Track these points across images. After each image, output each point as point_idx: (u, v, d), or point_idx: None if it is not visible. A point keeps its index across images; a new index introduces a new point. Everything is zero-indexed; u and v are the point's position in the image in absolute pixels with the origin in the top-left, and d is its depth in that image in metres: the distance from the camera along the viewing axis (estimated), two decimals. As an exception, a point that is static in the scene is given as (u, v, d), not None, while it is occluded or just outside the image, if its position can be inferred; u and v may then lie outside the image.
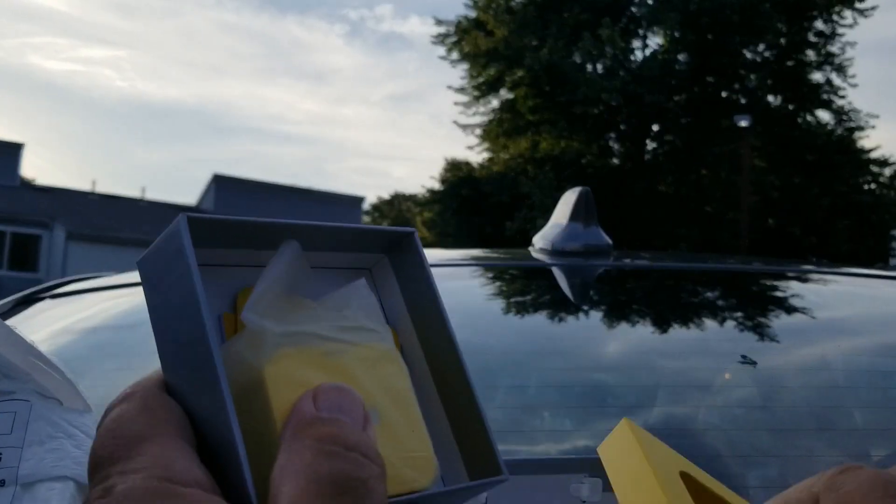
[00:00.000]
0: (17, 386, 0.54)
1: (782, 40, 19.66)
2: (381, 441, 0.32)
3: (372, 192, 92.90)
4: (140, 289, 0.34)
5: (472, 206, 20.12)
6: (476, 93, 20.90)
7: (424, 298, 0.38)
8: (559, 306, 1.34)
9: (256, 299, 0.33)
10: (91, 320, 1.42)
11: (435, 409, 0.37)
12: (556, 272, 1.42)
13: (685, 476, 0.37)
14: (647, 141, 20.71)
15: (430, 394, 0.38)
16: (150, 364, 0.33)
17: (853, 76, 19.85)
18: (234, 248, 0.35)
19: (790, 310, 1.37)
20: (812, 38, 19.94)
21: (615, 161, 20.95)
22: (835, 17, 19.69)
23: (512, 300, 1.41)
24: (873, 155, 19.84)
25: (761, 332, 1.27)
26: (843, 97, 19.92)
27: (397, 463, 0.33)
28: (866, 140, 23.57)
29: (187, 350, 0.32)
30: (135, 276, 1.60)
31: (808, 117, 20.22)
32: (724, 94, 20.27)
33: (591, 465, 0.73)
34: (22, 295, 1.54)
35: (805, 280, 1.58)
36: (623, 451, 0.36)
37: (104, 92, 62.88)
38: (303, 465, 0.27)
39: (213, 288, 0.35)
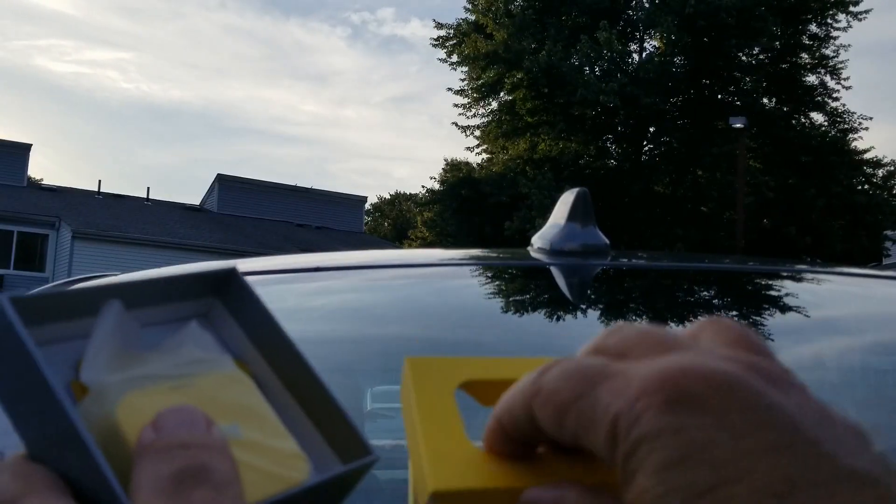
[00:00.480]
0: None
1: (777, 43, 19.80)
2: (247, 453, 0.33)
3: (373, 193, 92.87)
4: None
5: (471, 207, 20.21)
6: (475, 95, 20.99)
7: (262, 324, 0.38)
8: (557, 305, 1.33)
9: (90, 360, 0.34)
10: None
11: (295, 415, 0.37)
12: (554, 272, 1.42)
13: (469, 385, 0.36)
14: (645, 142, 20.83)
15: (287, 404, 0.38)
16: None
17: (847, 78, 20.07)
18: (66, 320, 0.35)
19: (785, 309, 1.35)
20: (806, 41, 20.12)
21: (613, 162, 21.09)
22: (829, 21, 19.84)
23: (510, 299, 1.39)
24: (867, 156, 19.99)
25: (756, 330, 1.17)
26: (836, 99, 20.12)
27: (269, 465, 0.33)
28: (859, 141, 23.75)
29: (44, 419, 0.31)
30: (139, 276, 1.72)
31: (803, 119, 20.37)
32: (719, 97, 20.40)
33: None
34: None
35: (799, 280, 1.56)
36: (405, 397, 0.35)
37: (109, 94, 63.11)
38: (146, 476, 0.27)
39: (56, 361, 0.34)
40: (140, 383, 0.33)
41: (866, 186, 20.07)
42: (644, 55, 20.23)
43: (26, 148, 24.17)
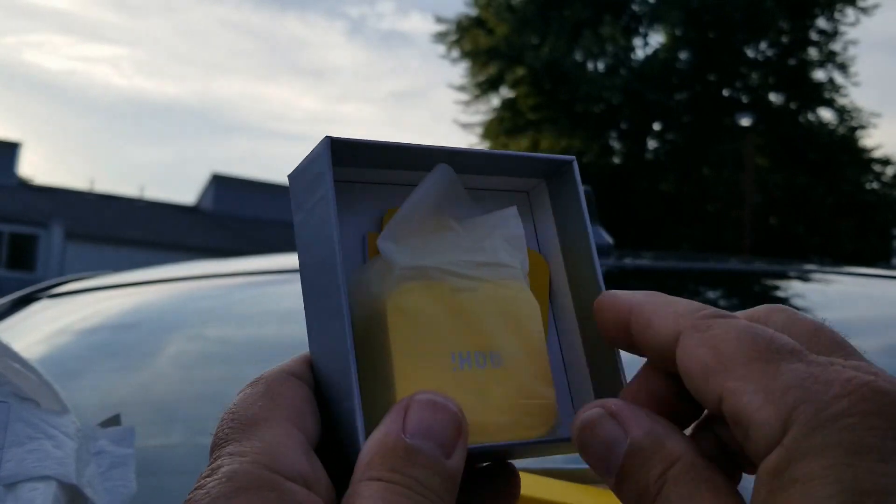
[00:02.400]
0: None
1: (784, 38, 19.66)
2: (500, 385, 0.32)
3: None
4: (137, 289, 0.35)
5: (472, 206, 20.13)
6: (476, 91, 20.87)
7: (575, 231, 0.37)
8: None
9: (396, 224, 0.34)
10: (89, 320, 1.41)
11: (573, 354, 0.36)
12: None
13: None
14: (649, 139, 20.70)
15: (570, 335, 0.36)
16: (147, 364, 0.31)
17: (855, 74, 19.83)
18: (384, 168, 0.35)
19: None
20: (814, 37, 19.93)
21: (616, 160, 20.93)
22: (837, 16, 19.67)
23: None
24: (876, 154, 19.82)
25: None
26: (845, 96, 19.91)
27: (514, 409, 0.32)
28: (869, 139, 23.58)
29: (321, 274, 0.32)
30: (132, 276, 1.59)
31: (811, 116, 20.22)
32: (726, 93, 20.25)
33: None
34: (19, 295, 1.53)
35: (808, 280, 1.58)
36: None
37: (102, 90, 62.83)
38: (370, 495, 0.27)
39: (360, 206, 0.35)
40: (424, 273, 0.33)
41: (875, 185, 19.95)
42: (649, 51, 20.06)
43: (15, 146, 23.92)
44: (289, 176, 0.34)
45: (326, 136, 0.32)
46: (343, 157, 0.32)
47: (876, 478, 0.23)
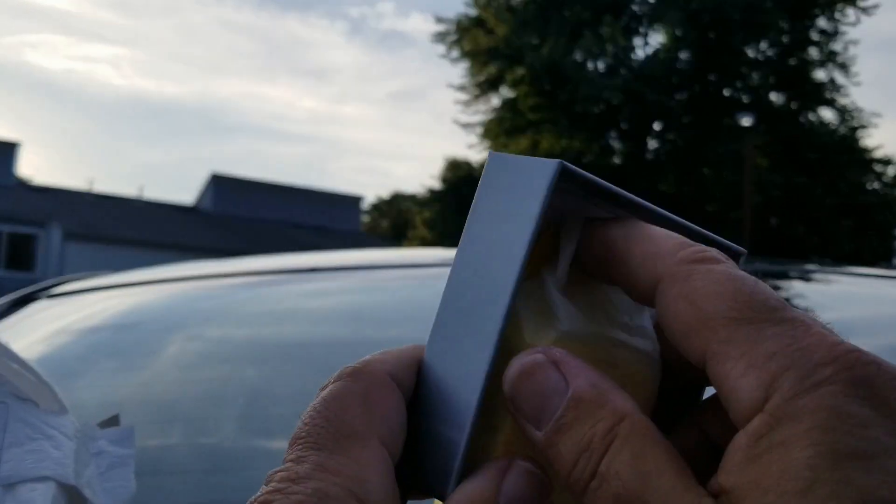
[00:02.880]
0: None
1: (785, 38, 19.67)
2: None
3: (372, 191, 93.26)
4: (136, 290, 0.34)
5: (472, 206, 20.15)
6: (476, 91, 20.91)
7: None
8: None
9: (566, 271, 0.31)
10: (87, 320, 1.40)
11: None
12: None
13: None
14: (649, 140, 20.72)
15: None
16: (146, 364, 0.31)
17: (856, 74, 19.85)
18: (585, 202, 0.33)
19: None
20: (814, 37, 19.95)
21: (616, 160, 20.94)
22: (837, 15, 19.71)
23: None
24: (876, 154, 19.84)
25: None
26: (845, 96, 19.95)
27: None
28: (869, 139, 23.59)
29: (482, 289, 0.30)
30: (131, 276, 1.59)
31: (811, 116, 20.25)
32: (726, 93, 20.27)
33: None
34: (18, 295, 1.53)
35: (808, 280, 1.58)
36: None
37: (102, 90, 62.79)
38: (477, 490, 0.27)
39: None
40: (578, 328, 0.31)
41: (876, 185, 20.00)
42: (649, 51, 20.09)
43: (14, 146, 23.92)
44: (493, 155, 0.32)
45: (559, 161, 0.29)
46: (560, 184, 0.30)
47: (856, 441, 0.22)
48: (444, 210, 20.89)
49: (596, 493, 0.25)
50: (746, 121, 16.47)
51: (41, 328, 1.37)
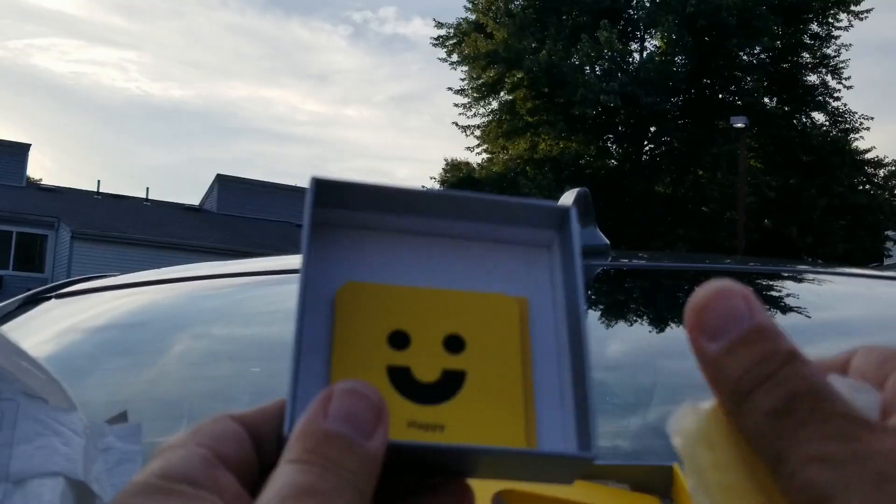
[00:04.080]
0: (3, 386, 0.54)
1: (778, 43, 19.72)
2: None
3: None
4: (143, 289, 0.41)
5: (471, 207, 20.11)
6: (476, 94, 20.91)
7: (568, 277, 0.36)
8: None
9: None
10: (96, 320, 1.40)
11: (562, 383, 0.35)
12: None
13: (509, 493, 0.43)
14: (645, 142, 20.76)
15: (557, 372, 0.35)
16: (153, 362, 0.41)
17: (848, 78, 19.97)
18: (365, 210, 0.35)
19: (786, 309, 1.35)
20: (807, 41, 20.04)
21: (613, 162, 21.01)
22: (830, 20, 19.75)
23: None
24: (868, 156, 19.93)
25: None
26: (838, 99, 20.03)
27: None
28: (861, 141, 23.70)
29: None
30: (139, 276, 1.59)
31: (804, 119, 20.30)
32: (720, 96, 20.34)
33: (612, 472, 0.69)
34: (27, 295, 1.52)
35: (801, 280, 1.57)
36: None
37: (109, 93, 62.97)
38: (284, 477, 0.28)
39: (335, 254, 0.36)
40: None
41: (867, 186, 20.02)
42: (645, 55, 20.14)
43: (25, 148, 24.09)
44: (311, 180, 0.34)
45: (312, 177, 0.32)
46: (328, 199, 0.33)
47: None
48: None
49: (768, 392, 0.27)
50: (740, 123, 16.53)
51: (50, 327, 1.36)
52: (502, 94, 20.65)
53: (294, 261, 1.62)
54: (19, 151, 23.74)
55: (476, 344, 0.34)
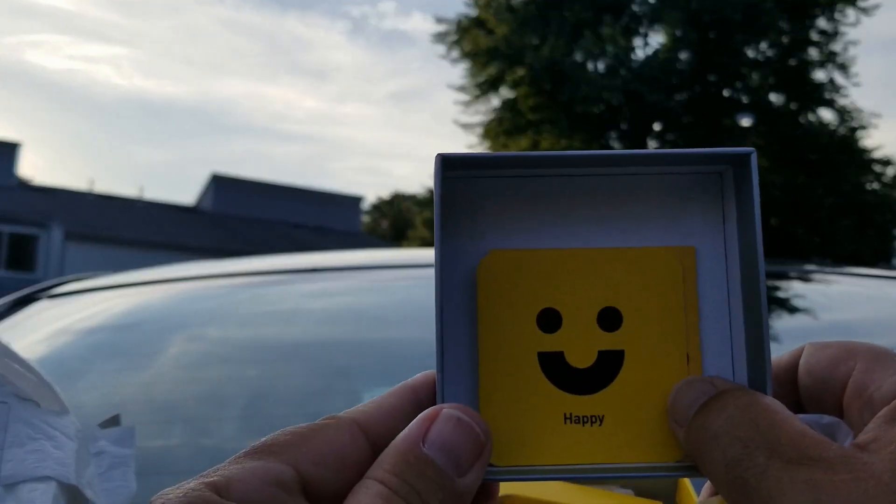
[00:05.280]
0: None
1: (784, 39, 19.62)
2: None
3: (373, 191, 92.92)
4: (137, 290, 0.35)
5: (472, 206, 20.13)
6: (476, 91, 20.83)
7: (746, 224, 0.33)
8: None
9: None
10: (89, 321, 1.40)
11: (733, 346, 0.33)
12: None
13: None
14: (649, 140, 20.66)
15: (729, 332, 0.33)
16: (147, 364, 0.31)
17: (856, 75, 19.82)
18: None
19: (793, 310, 1.36)
20: (814, 37, 19.90)
21: (616, 160, 20.95)
22: (837, 16, 19.65)
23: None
24: (876, 154, 19.81)
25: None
26: (845, 96, 19.89)
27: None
28: (869, 139, 23.59)
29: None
30: (132, 277, 1.60)
31: (811, 116, 20.20)
32: (726, 93, 20.23)
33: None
34: (19, 295, 1.53)
35: (808, 280, 1.58)
36: None
37: (103, 90, 62.71)
38: (369, 500, 0.27)
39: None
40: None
41: (875, 185, 19.94)
42: (648, 51, 20.05)
43: (15, 146, 23.89)
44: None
45: (438, 154, 0.31)
46: (457, 174, 0.33)
47: None
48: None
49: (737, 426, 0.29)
50: (746, 121, 16.42)
51: (42, 328, 1.36)
52: (503, 91, 20.58)
53: (294, 261, 1.64)
54: (9, 150, 23.60)
55: (634, 316, 0.33)
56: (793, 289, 1.54)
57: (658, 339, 0.32)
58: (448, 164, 0.31)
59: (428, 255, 1.88)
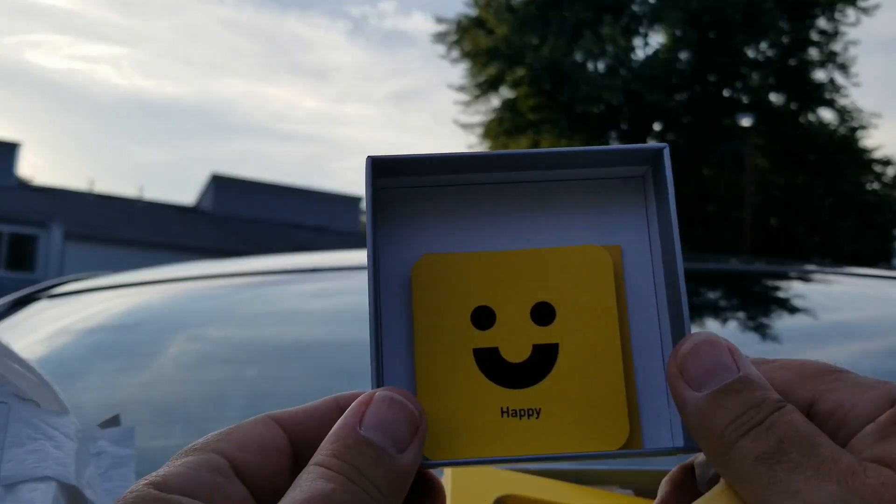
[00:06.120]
0: None
1: (784, 39, 19.63)
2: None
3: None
4: (136, 290, 0.36)
5: (472, 206, 20.16)
6: (476, 91, 20.83)
7: (663, 223, 0.34)
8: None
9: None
10: (88, 321, 1.41)
11: (662, 339, 0.34)
12: None
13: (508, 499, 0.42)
14: (649, 140, 20.64)
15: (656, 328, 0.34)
16: (147, 364, 0.31)
17: (856, 75, 19.81)
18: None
19: (793, 310, 1.37)
20: (814, 37, 19.91)
21: (616, 160, 20.95)
22: (837, 16, 19.65)
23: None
24: (876, 154, 19.81)
25: (764, 332, 1.26)
26: (845, 96, 19.89)
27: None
28: (869, 139, 23.60)
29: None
30: (132, 277, 1.60)
31: (811, 116, 20.20)
32: (726, 93, 20.23)
33: (617, 477, 0.69)
34: (19, 295, 1.53)
35: (808, 280, 1.58)
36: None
37: (102, 90, 62.64)
38: (305, 482, 0.28)
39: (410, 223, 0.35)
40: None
41: (876, 185, 19.94)
42: (649, 51, 20.06)
43: (14, 146, 23.89)
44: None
45: (368, 157, 0.32)
46: (387, 176, 0.33)
47: None
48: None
49: (757, 439, 0.28)
50: (746, 121, 16.44)
51: (42, 328, 1.37)
52: (503, 91, 20.60)
53: (294, 261, 1.65)
54: (9, 150, 23.61)
55: (567, 310, 0.33)
56: (793, 289, 1.54)
57: (591, 331, 0.32)
58: (378, 170, 0.33)
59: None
